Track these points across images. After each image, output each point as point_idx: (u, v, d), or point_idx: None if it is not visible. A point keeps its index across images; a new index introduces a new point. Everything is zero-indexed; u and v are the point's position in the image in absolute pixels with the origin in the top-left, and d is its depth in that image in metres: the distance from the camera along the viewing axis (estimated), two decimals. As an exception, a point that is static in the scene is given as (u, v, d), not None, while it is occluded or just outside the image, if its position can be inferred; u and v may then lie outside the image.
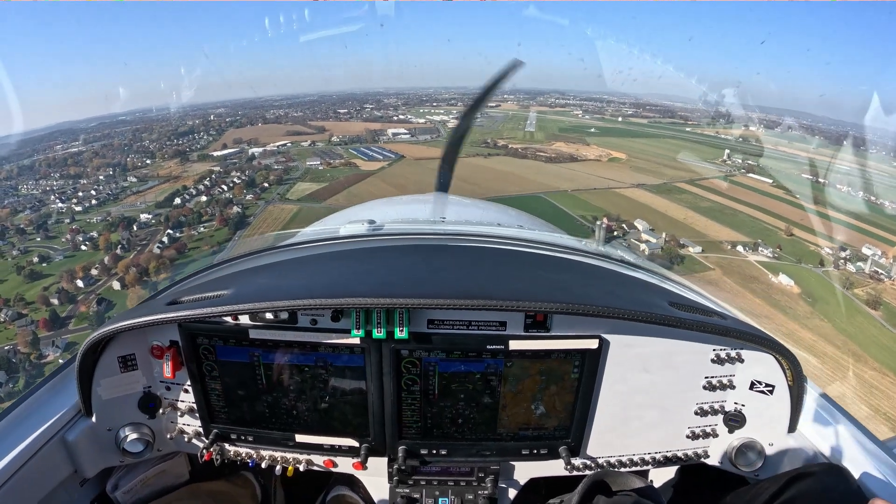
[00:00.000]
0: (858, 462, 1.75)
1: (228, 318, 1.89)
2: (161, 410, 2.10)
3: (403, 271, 2.11)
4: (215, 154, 68.10)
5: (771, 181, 59.99)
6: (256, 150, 68.65)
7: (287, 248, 2.88)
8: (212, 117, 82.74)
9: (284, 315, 1.88)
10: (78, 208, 53.35)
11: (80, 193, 56.84)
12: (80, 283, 40.60)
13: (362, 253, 2.56)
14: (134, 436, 2.04)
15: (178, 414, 2.11)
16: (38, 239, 47.43)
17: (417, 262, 2.24)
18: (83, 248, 46.20)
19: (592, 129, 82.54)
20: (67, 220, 51.16)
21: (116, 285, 39.79)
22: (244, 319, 1.90)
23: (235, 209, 53.29)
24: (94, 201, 55.25)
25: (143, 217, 51.14)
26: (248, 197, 57.25)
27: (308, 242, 2.87)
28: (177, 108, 77.17)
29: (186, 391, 2.06)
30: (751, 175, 63.46)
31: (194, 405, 2.07)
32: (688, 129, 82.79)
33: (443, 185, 4.23)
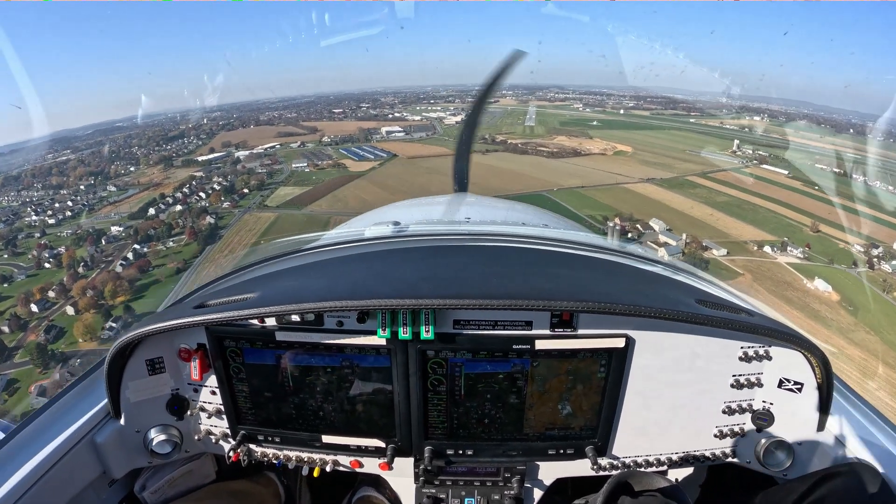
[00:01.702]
0: (889, 461, 1.70)
1: (255, 321, 1.85)
2: (189, 412, 2.06)
3: (429, 272, 2.01)
4: (200, 159, 62.31)
5: (787, 172, 55.02)
6: (242, 154, 62.67)
7: (311, 251, 2.72)
8: (205, 121, 77.53)
9: (311, 317, 1.84)
10: (51, 221, 48.04)
11: (57, 205, 51.83)
12: (34, 308, 35.05)
13: (387, 254, 2.46)
14: (162, 437, 2.01)
15: (206, 415, 2.06)
16: (6, 256, 42.34)
17: (443, 263, 2.17)
18: (47, 265, 40.62)
19: (595, 122, 77.58)
20: (38, 235, 45.88)
21: (70, 310, 34.01)
22: (270, 322, 1.86)
23: (209, 219, 47.25)
24: (68, 213, 49.92)
25: (114, 230, 45.34)
26: (226, 205, 51.49)
27: (332, 245, 2.73)
28: (173, 113, 73.46)
29: (214, 393, 2.01)
30: (764, 166, 58.51)
31: (222, 407, 2.02)
32: (691, 119, 77.89)
33: (461, 185, 4.42)
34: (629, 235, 40.56)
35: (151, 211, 48.35)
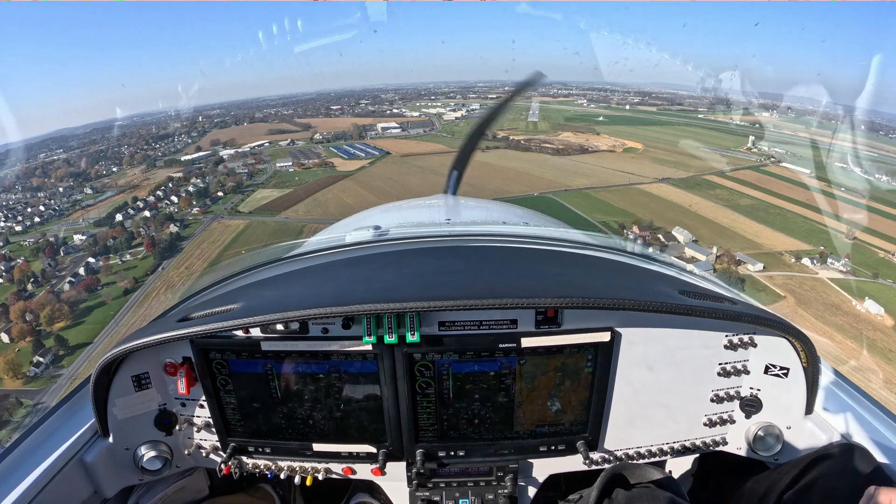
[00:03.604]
0: (877, 441, 1.69)
1: (239, 332, 1.79)
2: (177, 427, 1.98)
3: (412, 275, 1.97)
4: (183, 158, 56.36)
5: (809, 171, 48.70)
6: (227, 153, 56.56)
7: (293, 258, 2.65)
8: (200, 118, 71.78)
9: (295, 325, 1.78)
10: (18, 228, 42.23)
11: (29, 209, 46.03)
12: (-29, 332, 29.24)
13: (369, 259, 2.38)
14: (152, 453, 1.93)
15: (195, 429, 1.99)
16: (-35, 268, 36.62)
17: (425, 265, 2.11)
18: (-1, 280, 34.75)
19: (601, 118, 71.16)
20: (0, 244, 40.14)
21: (5, 338, 28.19)
22: (255, 332, 1.80)
23: (172, 228, 41.32)
24: (37, 219, 44.08)
25: (77, 238, 39.49)
26: (195, 210, 45.42)
27: (314, 252, 2.66)
28: (174, 112, 68.24)
29: (202, 406, 1.94)
30: (784, 164, 52.05)
31: (210, 420, 1.95)
32: (700, 115, 71.43)
33: (452, 188, 4.24)
34: (651, 250, 34.38)
35: (119, 217, 42.61)
